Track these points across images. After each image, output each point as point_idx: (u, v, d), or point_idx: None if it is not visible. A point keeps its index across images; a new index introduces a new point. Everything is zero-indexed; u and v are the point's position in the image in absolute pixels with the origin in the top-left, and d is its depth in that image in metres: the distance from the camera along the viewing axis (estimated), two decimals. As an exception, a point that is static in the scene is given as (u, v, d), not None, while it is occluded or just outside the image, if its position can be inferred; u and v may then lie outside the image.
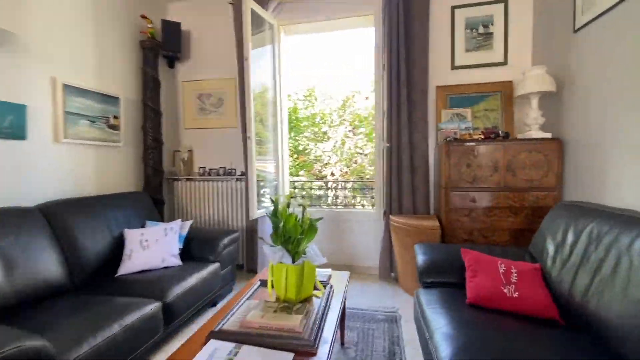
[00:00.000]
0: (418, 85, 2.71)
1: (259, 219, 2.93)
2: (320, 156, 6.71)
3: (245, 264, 3.07)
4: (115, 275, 1.94)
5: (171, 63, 3.26)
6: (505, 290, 1.45)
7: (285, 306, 1.32)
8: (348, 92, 6.08)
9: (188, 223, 2.35)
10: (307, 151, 6.96)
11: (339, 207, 3.54)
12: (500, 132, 2.30)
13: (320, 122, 6.38)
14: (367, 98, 6.11)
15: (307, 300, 1.44)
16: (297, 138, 7.05)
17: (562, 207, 1.74)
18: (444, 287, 1.69)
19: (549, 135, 2.21)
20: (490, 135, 2.29)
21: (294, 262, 1.37)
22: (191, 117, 3.30)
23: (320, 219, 1.45)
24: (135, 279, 1.90)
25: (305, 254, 1.40)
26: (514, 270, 1.55)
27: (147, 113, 2.88)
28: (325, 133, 6.78)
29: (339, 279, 1.79)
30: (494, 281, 1.50)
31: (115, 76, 2.66)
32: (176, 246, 2.17)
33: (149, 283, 1.84)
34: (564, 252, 1.52)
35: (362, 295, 2.54)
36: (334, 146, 6.65)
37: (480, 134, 2.32)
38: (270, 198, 1.64)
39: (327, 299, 1.46)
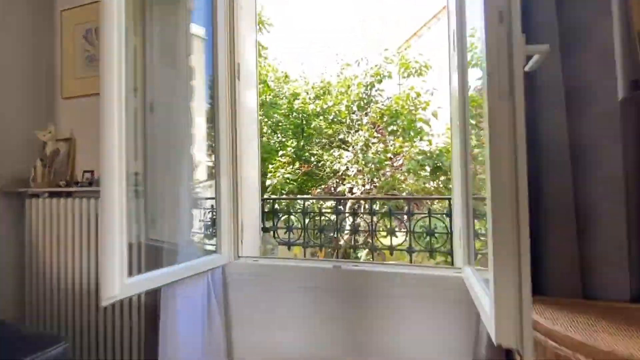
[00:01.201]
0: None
1: (175, 290, 1.22)
2: (338, 169, 4.97)
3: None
4: None
5: (43, -22, 1.76)
6: None
7: None
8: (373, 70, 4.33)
9: None
10: (321, 164, 5.30)
11: (363, 260, 1.77)
12: None
13: (335, 119, 4.65)
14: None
15: None
16: (307, 147, 5.44)
17: None
18: None
19: None
20: None
21: None
22: (72, 75, 1.72)
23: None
24: None
25: None
26: None
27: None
28: (344, 141, 5.10)
29: None
30: None
31: None
32: None
33: None
34: None
35: None
36: (355, 155, 4.91)
37: None
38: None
39: None
